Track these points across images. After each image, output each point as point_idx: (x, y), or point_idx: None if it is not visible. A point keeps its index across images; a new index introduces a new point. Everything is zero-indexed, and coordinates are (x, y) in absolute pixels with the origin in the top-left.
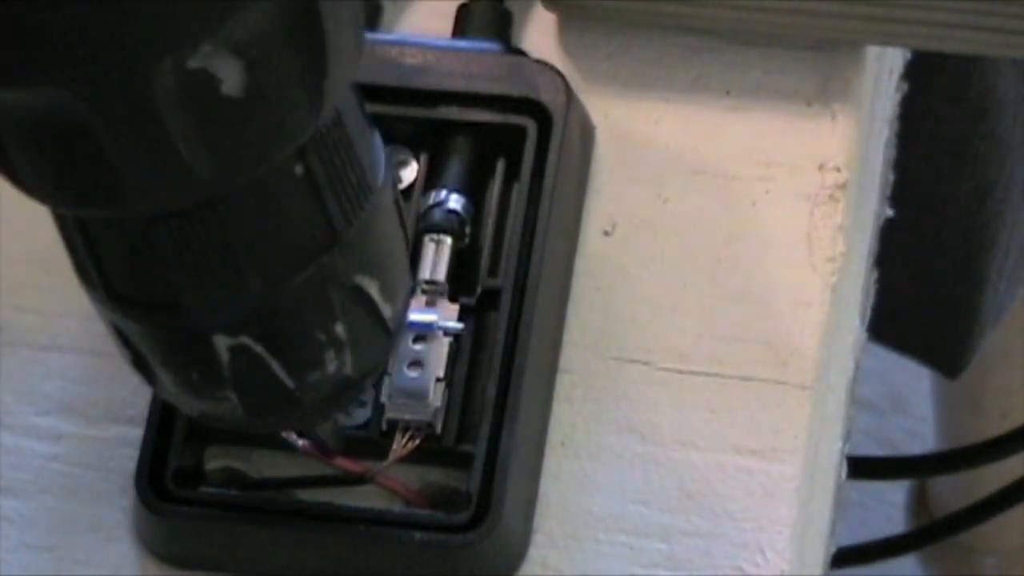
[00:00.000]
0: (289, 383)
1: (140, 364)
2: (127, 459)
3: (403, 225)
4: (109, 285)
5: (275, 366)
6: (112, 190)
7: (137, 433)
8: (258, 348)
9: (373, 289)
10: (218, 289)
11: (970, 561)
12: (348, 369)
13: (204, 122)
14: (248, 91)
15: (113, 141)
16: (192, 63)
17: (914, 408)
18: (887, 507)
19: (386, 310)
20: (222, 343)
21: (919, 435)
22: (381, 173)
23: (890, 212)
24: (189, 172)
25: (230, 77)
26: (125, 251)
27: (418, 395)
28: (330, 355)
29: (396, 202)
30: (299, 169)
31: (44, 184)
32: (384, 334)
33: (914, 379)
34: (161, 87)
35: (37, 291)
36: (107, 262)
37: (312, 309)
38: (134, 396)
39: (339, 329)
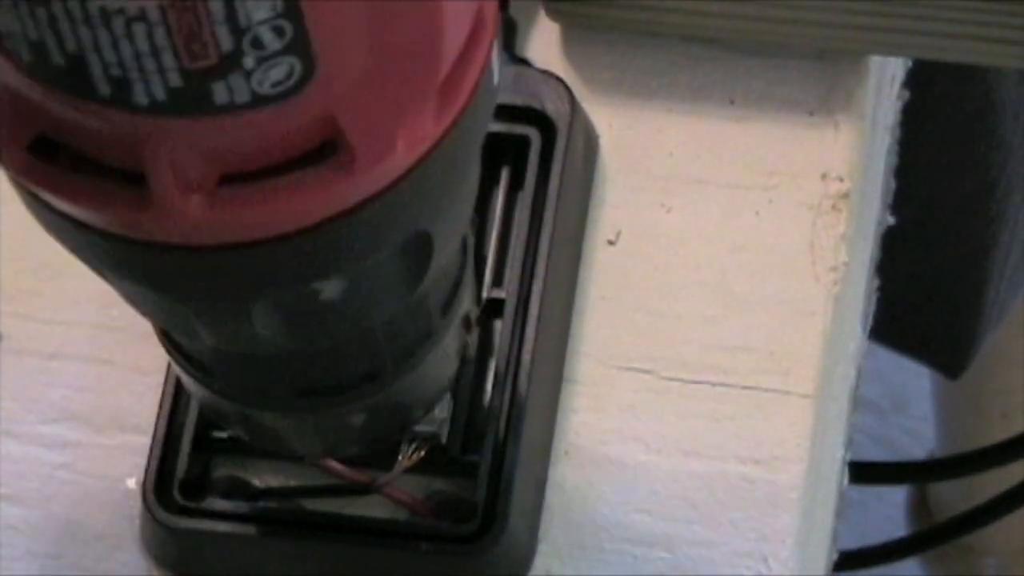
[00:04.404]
0: (299, 450)
1: None
2: (133, 467)
3: (466, 331)
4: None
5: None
6: (191, 335)
7: (143, 441)
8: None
9: (406, 404)
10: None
11: (970, 561)
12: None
13: (293, 320)
14: (344, 295)
15: (198, 320)
16: (295, 291)
17: (914, 408)
18: (887, 507)
19: (418, 413)
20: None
21: (919, 435)
22: (456, 305)
23: (891, 220)
24: (266, 343)
25: (329, 290)
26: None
27: None
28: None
29: (466, 318)
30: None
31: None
32: (406, 421)
33: (914, 379)
34: (258, 306)
35: (42, 299)
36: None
37: (331, 424)
38: (140, 404)
39: (354, 422)
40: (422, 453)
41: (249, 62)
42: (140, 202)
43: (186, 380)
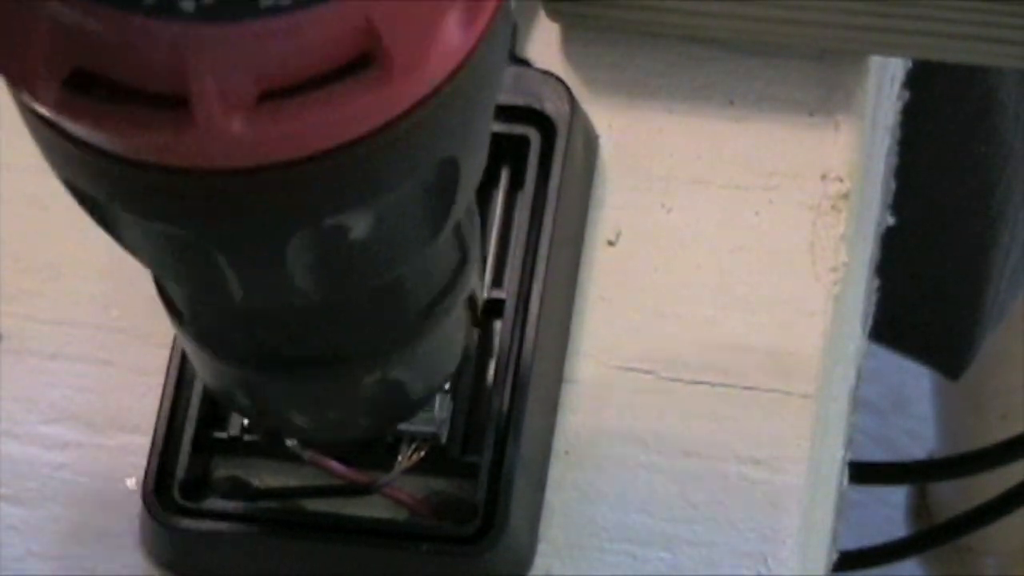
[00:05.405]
0: (296, 424)
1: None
2: (133, 467)
3: (472, 309)
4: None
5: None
6: (220, 289)
7: (143, 442)
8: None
9: (408, 380)
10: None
11: (970, 561)
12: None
13: (324, 260)
14: (373, 233)
15: (231, 267)
16: (328, 222)
17: (914, 408)
18: (887, 507)
19: (416, 391)
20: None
21: (919, 435)
22: (462, 282)
23: (891, 220)
24: (298, 291)
25: (359, 226)
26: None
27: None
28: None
29: (471, 299)
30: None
31: (147, 261)
32: (405, 407)
33: (914, 379)
34: (292, 242)
35: (43, 299)
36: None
37: (329, 398)
38: (140, 405)
39: (358, 394)
40: (422, 453)
41: None
42: (181, 123)
43: (191, 350)
